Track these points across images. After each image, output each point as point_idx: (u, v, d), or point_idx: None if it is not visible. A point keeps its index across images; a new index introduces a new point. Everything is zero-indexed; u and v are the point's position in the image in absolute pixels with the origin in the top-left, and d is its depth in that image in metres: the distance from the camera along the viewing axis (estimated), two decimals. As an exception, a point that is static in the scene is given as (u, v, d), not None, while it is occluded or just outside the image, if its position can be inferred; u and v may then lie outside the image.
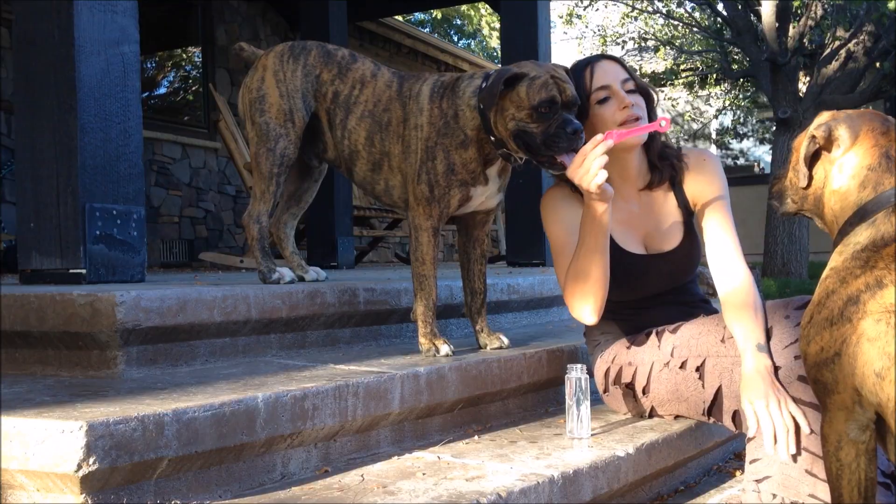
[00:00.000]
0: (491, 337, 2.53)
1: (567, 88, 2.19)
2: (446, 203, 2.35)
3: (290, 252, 2.82)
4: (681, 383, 2.15)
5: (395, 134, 2.44)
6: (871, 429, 1.47)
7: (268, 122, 2.55)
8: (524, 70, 2.21)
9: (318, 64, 2.59)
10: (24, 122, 2.62)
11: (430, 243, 2.37)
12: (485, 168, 2.35)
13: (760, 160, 15.28)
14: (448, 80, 2.40)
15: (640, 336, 2.30)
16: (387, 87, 2.50)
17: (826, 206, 1.66)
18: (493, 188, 2.41)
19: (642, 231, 2.35)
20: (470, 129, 2.30)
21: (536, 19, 4.98)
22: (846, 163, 1.62)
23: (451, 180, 2.32)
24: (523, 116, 2.18)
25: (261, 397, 1.71)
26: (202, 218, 7.96)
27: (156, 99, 8.27)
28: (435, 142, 2.33)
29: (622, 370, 2.30)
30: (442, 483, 1.72)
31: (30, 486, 1.50)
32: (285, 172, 2.57)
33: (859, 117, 1.65)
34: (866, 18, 9.89)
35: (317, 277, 2.79)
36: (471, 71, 2.44)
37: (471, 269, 2.54)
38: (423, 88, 2.41)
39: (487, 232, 2.56)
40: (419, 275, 2.38)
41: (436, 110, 2.35)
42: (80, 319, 1.95)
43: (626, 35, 13.12)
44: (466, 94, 2.32)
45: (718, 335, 2.11)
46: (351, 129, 2.52)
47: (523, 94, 2.18)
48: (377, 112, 2.48)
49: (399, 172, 2.45)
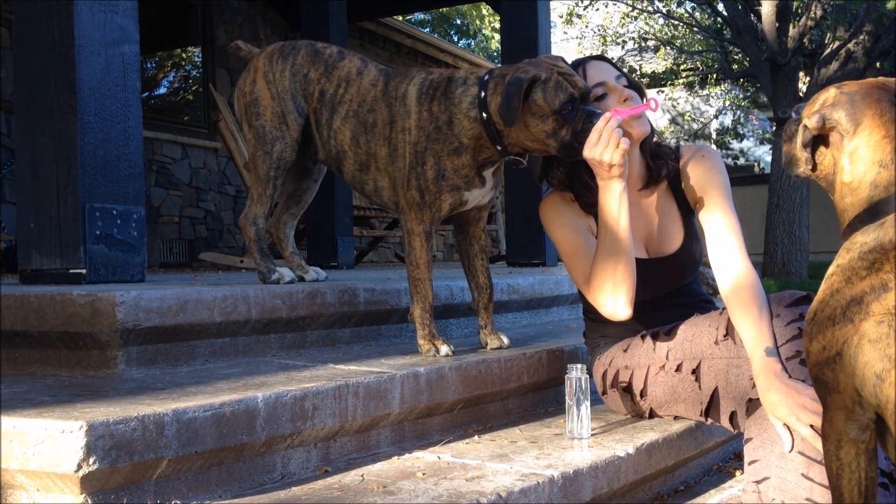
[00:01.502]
0: (492, 336, 2.52)
1: (577, 80, 2.16)
2: (438, 208, 2.32)
3: (290, 252, 2.81)
4: (677, 385, 2.15)
5: (381, 136, 2.40)
6: (872, 429, 1.46)
7: (263, 126, 2.55)
8: (532, 74, 2.15)
9: (305, 63, 2.57)
10: (24, 122, 2.62)
11: (423, 247, 2.35)
12: (480, 171, 2.32)
13: (760, 160, 15.28)
14: (437, 80, 2.33)
15: (636, 339, 2.29)
16: (372, 86, 2.45)
17: (837, 194, 1.56)
18: (488, 187, 2.38)
19: (643, 234, 2.33)
20: (466, 137, 2.25)
21: (536, 19, 4.98)
22: (855, 154, 1.51)
23: (441, 186, 2.29)
24: (550, 126, 2.14)
25: (261, 397, 1.71)
26: (202, 218, 7.96)
27: (156, 99, 8.27)
28: (424, 147, 2.28)
29: (619, 373, 2.30)
30: (442, 483, 1.72)
31: (30, 486, 1.50)
32: (282, 175, 2.57)
33: (862, 99, 1.51)
34: (866, 18, 9.89)
35: (317, 277, 2.78)
36: (462, 72, 2.36)
37: (472, 266, 2.53)
38: (409, 89, 2.35)
39: (483, 227, 2.54)
40: (414, 278, 2.37)
41: (425, 113, 2.29)
42: (80, 319, 1.95)
43: (626, 35, 13.12)
44: (464, 103, 2.25)
45: (712, 337, 2.09)
46: (336, 129, 2.49)
47: (541, 102, 2.13)
48: (361, 112, 2.44)
49: (386, 174, 2.42)
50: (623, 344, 2.32)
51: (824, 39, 10.79)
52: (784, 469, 1.79)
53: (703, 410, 2.12)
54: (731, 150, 15.38)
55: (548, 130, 2.14)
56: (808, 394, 1.80)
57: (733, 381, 2.02)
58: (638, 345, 2.27)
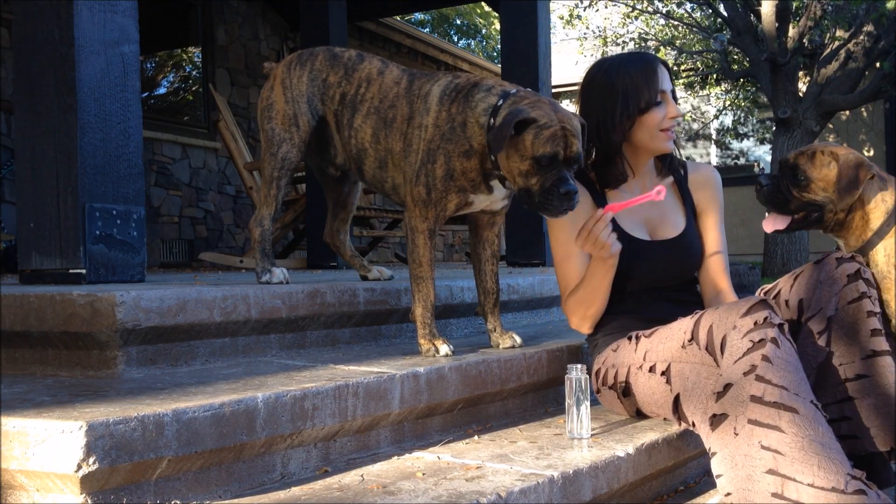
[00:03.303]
0: (504, 336, 2.53)
1: (574, 143, 2.16)
2: (443, 207, 2.34)
3: (350, 255, 2.93)
4: (654, 387, 2.16)
5: (399, 131, 2.43)
6: None
7: (273, 129, 2.61)
8: (535, 115, 2.15)
9: (324, 68, 2.61)
10: (24, 122, 2.62)
11: (426, 245, 2.36)
12: (487, 179, 2.33)
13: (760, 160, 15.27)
14: (463, 84, 2.35)
15: (624, 339, 2.32)
16: (395, 83, 2.49)
17: None
18: (498, 195, 2.39)
19: (647, 218, 2.46)
20: (476, 142, 2.27)
21: (536, 19, 4.98)
22: None
23: (448, 185, 2.30)
24: (525, 167, 2.16)
25: (261, 397, 1.71)
26: (202, 218, 7.96)
27: (156, 99, 8.27)
28: (437, 145, 2.30)
29: (607, 372, 2.33)
30: (442, 483, 1.72)
31: (30, 486, 1.50)
32: (286, 176, 2.62)
33: None
34: (866, 18, 9.89)
35: (379, 276, 2.89)
36: (490, 80, 2.38)
37: (482, 270, 2.55)
38: (433, 89, 2.38)
39: (497, 233, 2.57)
40: (416, 276, 2.37)
41: (444, 113, 2.31)
42: (80, 319, 1.95)
43: (626, 35, 13.12)
44: (479, 108, 2.27)
45: (680, 340, 2.08)
46: (357, 126, 2.53)
47: (528, 143, 2.15)
48: (382, 108, 2.47)
49: (400, 171, 2.45)
50: (614, 344, 2.36)
51: (824, 39, 10.79)
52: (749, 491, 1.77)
53: (672, 411, 2.13)
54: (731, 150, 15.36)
55: (521, 170, 2.17)
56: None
57: (694, 387, 2.01)
58: (624, 345, 2.30)
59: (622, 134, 2.39)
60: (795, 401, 1.78)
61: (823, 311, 2.14)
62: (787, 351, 1.86)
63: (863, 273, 2.15)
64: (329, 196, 2.88)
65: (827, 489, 1.69)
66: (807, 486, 1.70)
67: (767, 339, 1.85)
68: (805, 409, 1.77)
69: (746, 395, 1.82)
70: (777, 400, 1.78)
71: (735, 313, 1.94)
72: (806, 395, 1.81)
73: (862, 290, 2.12)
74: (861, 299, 2.12)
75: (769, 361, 1.82)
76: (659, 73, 2.39)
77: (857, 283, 2.13)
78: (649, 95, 2.36)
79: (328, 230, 2.93)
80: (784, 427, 1.75)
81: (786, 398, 1.78)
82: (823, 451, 1.73)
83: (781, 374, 1.81)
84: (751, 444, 1.78)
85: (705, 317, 2.03)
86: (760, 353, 1.83)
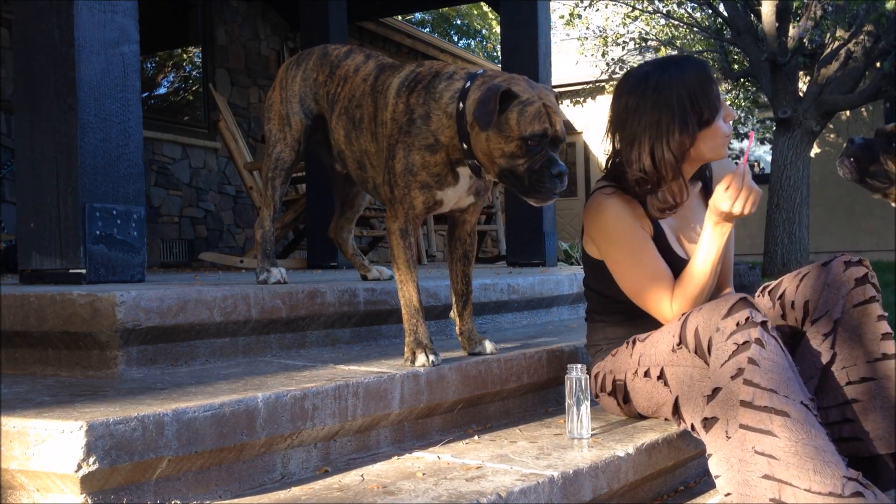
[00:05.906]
0: (473, 343, 2.36)
1: (557, 121, 2.03)
2: (409, 205, 2.18)
3: (352, 254, 2.95)
4: (652, 390, 2.16)
5: (368, 131, 2.33)
6: None
7: (270, 130, 2.65)
8: (516, 90, 2.01)
9: (315, 67, 2.62)
10: (24, 122, 2.62)
11: (400, 246, 2.21)
12: (453, 168, 2.17)
13: (760, 160, 15.27)
14: (423, 73, 2.19)
15: (623, 345, 2.31)
16: (363, 81, 2.40)
17: None
18: (463, 186, 2.22)
19: (677, 226, 2.33)
20: (445, 136, 2.12)
21: (536, 19, 4.97)
22: None
23: (409, 181, 2.15)
24: (511, 149, 2.00)
25: (261, 397, 1.71)
26: (202, 218, 7.96)
27: (156, 99, 8.26)
28: (396, 139, 2.16)
29: (605, 378, 2.32)
30: (442, 483, 1.72)
31: (30, 486, 1.50)
32: (280, 176, 2.64)
33: None
34: (866, 18, 9.89)
35: (379, 276, 2.91)
36: (453, 66, 2.20)
37: (453, 270, 2.41)
38: (393, 81, 2.24)
39: (470, 232, 2.39)
40: (397, 280, 2.24)
41: (401, 105, 2.16)
42: (80, 319, 1.95)
43: (626, 35, 13.12)
44: (444, 98, 2.12)
45: (669, 344, 2.08)
46: (332, 128, 2.51)
47: (513, 122, 1.99)
48: (350, 108, 2.41)
49: (379, 171, 2.34)
50: (614, 350, 2.34)
51: (824, 39, 10.78)
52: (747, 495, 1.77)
53: (672, 413, 2.13)
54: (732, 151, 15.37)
55: (506, 152, 2.01)
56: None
57: (690, 389, 2.02)
58: (622, 350, 2.29)
59: (683, 154, 2.16)
60: (786, 403, 1.77)
61: (830, 313, 2.12)
62: (773, 350, 1.84)
63: (870, 277, 2.14)
64: (337, 194, 2.88)
65: (824, 493, 1.69)
66: (804, 490, 1.70)
67: (752, 340, 1.84)
68: (796, 412, 1.77)
69: (736, 399, 1.82)
70: (767, 404, 1.77)
71: (717, 314, 1.92)
72: (796, 395, 1.79)
73: (871, 294, 2.11)
74: (870, 303, 2.11)
75: (755, 364, 1.81)
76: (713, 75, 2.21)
77: (865, 286, 2.12)
78: (711, 104, 2.14)
79: (333, 226, 2.94)
80: (776, 431, 1.75)
81: (776, 402, 1.77)
82: (818, 454, 1.72)
83: (769, 377, 1.80)
84: (744, 448, 1.78)
85: (691, 319, 2.02)
86: (746, 356, 1.82)
